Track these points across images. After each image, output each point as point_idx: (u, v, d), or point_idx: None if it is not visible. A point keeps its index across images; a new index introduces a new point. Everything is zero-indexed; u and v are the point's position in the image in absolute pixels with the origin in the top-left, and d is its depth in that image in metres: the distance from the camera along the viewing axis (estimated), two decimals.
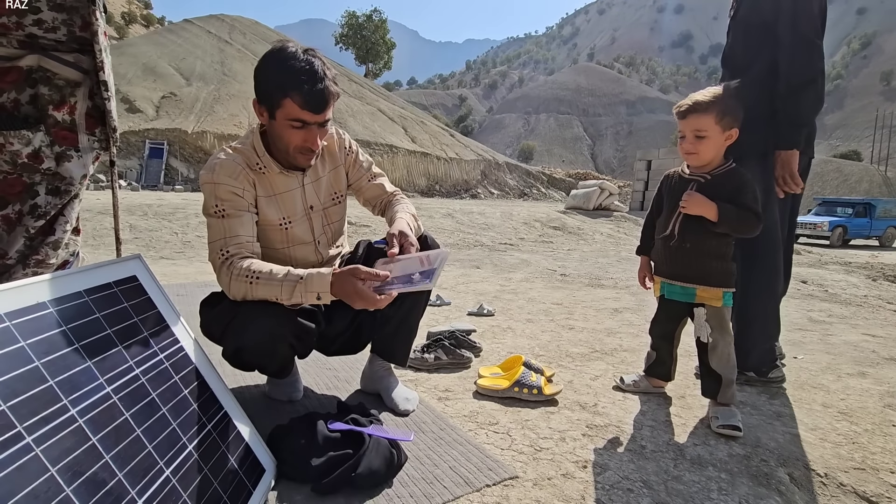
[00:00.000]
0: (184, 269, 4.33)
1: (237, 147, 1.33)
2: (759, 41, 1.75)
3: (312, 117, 1.22)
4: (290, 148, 1.27)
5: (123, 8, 76.56)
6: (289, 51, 1.21)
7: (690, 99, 1.49)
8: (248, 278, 1.14)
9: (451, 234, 7.57)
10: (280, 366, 1.36)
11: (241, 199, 1.26)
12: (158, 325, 0.88)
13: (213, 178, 1.24)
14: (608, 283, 4.25)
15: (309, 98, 1.18)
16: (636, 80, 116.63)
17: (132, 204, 7.70)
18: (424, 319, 1.59)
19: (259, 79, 1.23)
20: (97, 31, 1.85)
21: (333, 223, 1.50)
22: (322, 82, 1.20)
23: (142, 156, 17.97)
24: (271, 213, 1.35)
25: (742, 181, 1.48)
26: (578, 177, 28.18)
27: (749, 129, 1.69)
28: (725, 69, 1.94)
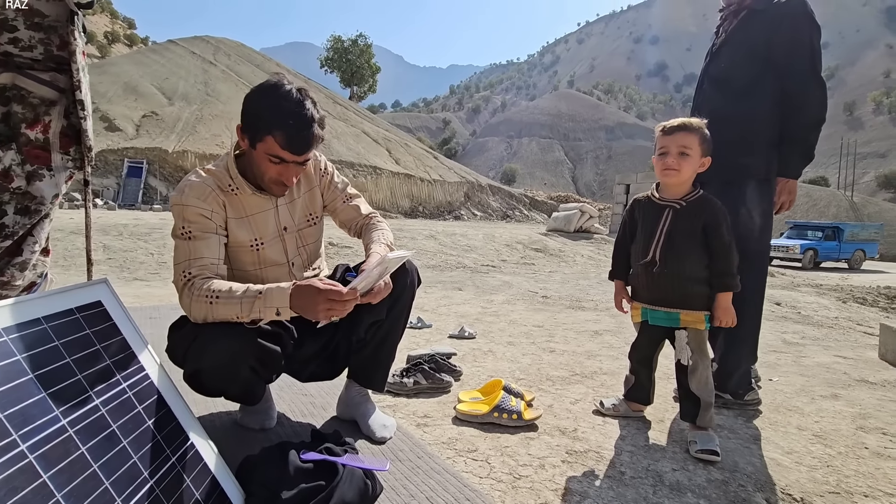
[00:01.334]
0: (158, 290, 4.22)
1: (210, 169, 1.32)
2: (761, 69, 1.80)
3: (292, 157, 1.23)
4: (265, 178, 1.28)
5: (107, 27, 76.28)
6: (283, 88, 1.21)
7: (680, 119, 1.56)
8: (208, 298, 1.12)
9: (433, 255, 7.57)
10: (243, 391, 1.31)
11: (209, 221, 1.25)
12: (122, 352, 0.85)
13: (181, 200, 1.24)
14: (588, 305, 4.28)
15: (293, 140, 1.20)
16: (615, 107, 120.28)
17: (107, 223, 7.53)
18: (404, 342, 1.57)
19: (247, 108, 1.23)
20: (75, 51, 1.83)
21: (309, 245, 1.48)
22: (309, 127, 1.21)
23: (120, 175, 17.67)
24: (242, 234, 1.33)
25: (716, 213, 1.53)
26: (560, 199, 28.65)
27: (751, 152, 1.80)
28: (715, 89, 1.94)
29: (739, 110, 1.82)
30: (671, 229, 1.55)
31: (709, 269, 1.53)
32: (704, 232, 1.52)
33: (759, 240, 1.81)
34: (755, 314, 1.87)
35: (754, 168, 1.81)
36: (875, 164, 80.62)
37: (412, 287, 1.49)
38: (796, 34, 1.74)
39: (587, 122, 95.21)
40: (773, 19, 1.77)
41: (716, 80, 1.95)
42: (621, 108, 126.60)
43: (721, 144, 1.66)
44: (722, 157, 1.70)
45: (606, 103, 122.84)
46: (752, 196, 1.81)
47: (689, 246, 1.53)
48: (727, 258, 1.51)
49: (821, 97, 1.75)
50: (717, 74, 1.95)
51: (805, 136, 1.76)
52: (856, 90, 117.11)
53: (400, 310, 1.48)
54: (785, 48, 1.75)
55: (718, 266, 1.51)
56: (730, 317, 1.50)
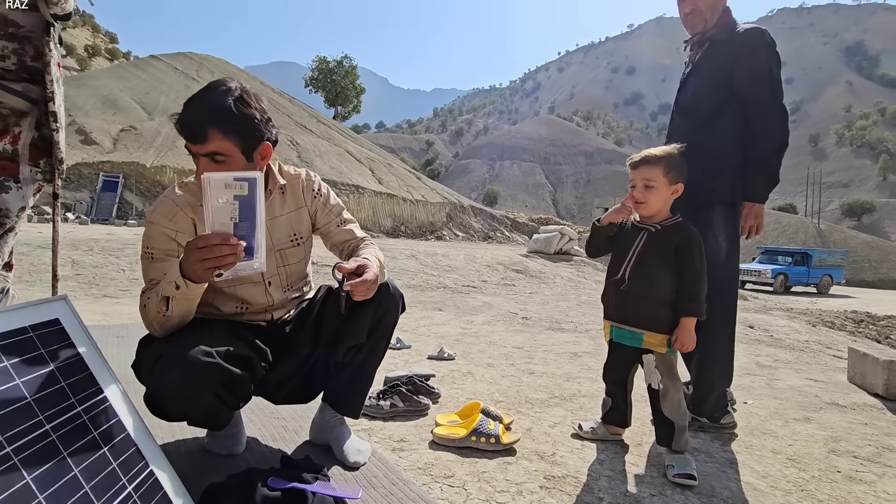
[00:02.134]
0: (128, 308, 4.07)
1: (187, 183, 1.30)
2: (724, 97, 1.85)
3: (193, 147, 1.15)
4: None
5: (88, 41, 75.46)
6: (213, 83, 1.19)
7: (643, 153, 1.60)
8: (144, 300, 1.15)
9: (414, 275, 7.53)
10: (207, 417, 1.23)
11: (172, 241, 1.23)
12: (79, 373, 0.80)
13: (151, 217, 1.24)
14: (568, 326, 4.30)
15: (181, 122, 1.13)
16: (594, 133, 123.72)
17: (77, 238, 7.29)
18: (382, 363, 1.54)
19: None
20: (49, 62, 1.79)
21: (290, 265, 1.44)
22: (203, 113, 1.12)
23: (94, 188, 17.23)
24: None
25: (690, 238, 1.55)
26: (541, 221, 29.04)
27: (718, 178, 1.84)
28: (682, 118, 2.02)
29: (705, 138, 1.86)
30: (644, 250, 1.58)
31: (676, 293, 1.54)
32: (676, 256, 1.54)
33: (725, 264, 1.85)
34: (727, 338, 1.89)
35: (720, 193, 1.85)
36: (839, 193, 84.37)
37: (395, 311, 1.45)
38: (756, 62, 1.80)
39: (567, 147, 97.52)
40: (733, 49, 1.84)
41: (684, 108, 2.01)
42: (600, 134, 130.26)
43: (690, 171, 1.70)
44: (691, 184, 1.72)
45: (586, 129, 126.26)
46: (719, 221, 1.86)
47: (658, 268, 1.55)
48: (695, 283, 1.52)
49: (781, 123, 1.80)
50: (684, 103, 2.01)
51: (767, 161, 1.81)
52: (819, 123, 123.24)
53: (381, 334, 1.45)
54: (745, 76, 1.81)
55: (686, 290, 1.53)
56: (690, 341, 1.50)
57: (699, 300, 1.52)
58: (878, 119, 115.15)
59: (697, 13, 1.89)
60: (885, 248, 33.37)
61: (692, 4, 1.89)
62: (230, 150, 1.16)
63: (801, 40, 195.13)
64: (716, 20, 1.90)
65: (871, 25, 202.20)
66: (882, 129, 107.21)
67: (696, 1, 1.87)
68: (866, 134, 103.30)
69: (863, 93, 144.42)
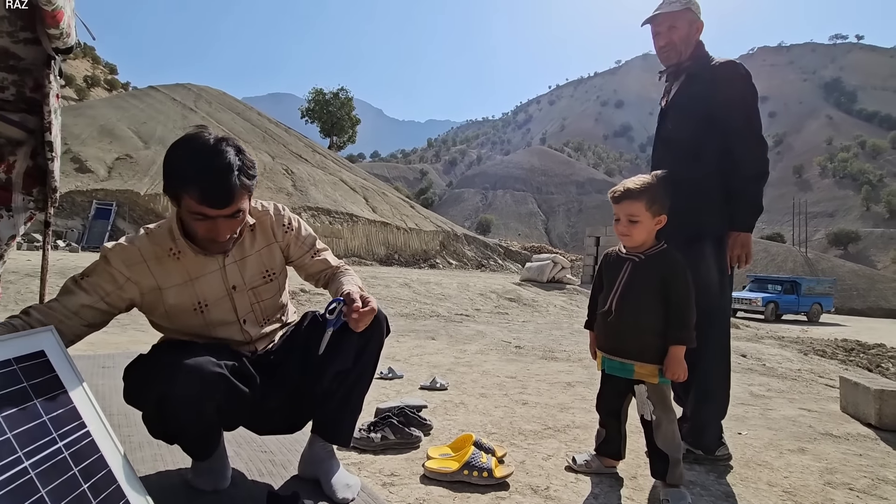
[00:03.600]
0: (115, 337, 4.00)
1: (154, 231, 1.28)
2: (705, 131, 1.88)
3: (214, 212, 1.15)
4: (198, 237, 1.24)
5: (87, 72, 76.63)
6: (198, 141, 1.16)
7: (623, 185, 1.60)
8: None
9: (407, 303, 7.49)
10: (201, 434, 1.22)
11: (115, 285, 1.20)
12: (62, 407, 0.79)
13: (107, 254, 1.21)
14: (561, 355, 4.27)
15: (209, 194, 1.12)
16: (584, 164, 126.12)
17: (67, 266, 7.21)
18: (373, 393, 1.52)
19: (165, 166, 1.17)
20: (49, 94, 1.82)
21: (265, 301, 1.43)
22: (226, 176, 1.13)
23: (86, 216, 17.15)
24: (184, 298, 1.28)
25: (674, 268, 1.55)
26: (533, 250, 29.18)
27: (707, 212, 1.87)
28: (667, 150, 2.03)
29: (690, 170, 1.88)
30: (629, 281, 1.59)
31: (664, 322, 1.54)
32: (662, 284, 1.54)
33: (718, 295, 1.86)
34: (723, 369, 1.89)
35: (710, 226, 1.88)
36: (825, 223, 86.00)
37: (381, 336, 1.45)
38: (732, 94, 1.85)
39: (559, 177, 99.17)
40: (710, 82, 1.88)
41: (666, 141, 2.04)
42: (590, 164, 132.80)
43: (677, 203, 1.71)
44: (680, 216, 1.76)
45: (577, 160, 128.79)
46: (710, 253, 1.87)
47: (644, 297, 1.55)
48: (683, 311, 1.51)
49: (758, 152, 1.83)
50: (665, 136, 2.05)
51: (747, 190, 1.84)
52: (802, 155, 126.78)
53: (368, 359, 1.44)
54: (723, 108, 1.85)
55: (673, 318, 1.52)
56: (681, 370, 1.49)
57: (688, 327, 1.51)
58: (859, 151, 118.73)
59: (672, 46, 1.94)
60: (872, 277, 33.82)
61: (666, 38, 1.94)
62: (246, 203, 1.22)
63: (782, 77, 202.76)
64: (689, 53, 1.95)
65: (847, 63, 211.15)
66: (862, 160, 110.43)
67: (671, 34, 1.93)
68: (848, 165, 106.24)
69: (842, 126, 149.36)
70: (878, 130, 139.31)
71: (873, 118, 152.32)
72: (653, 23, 1.97)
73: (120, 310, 1.26)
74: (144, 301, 1.27)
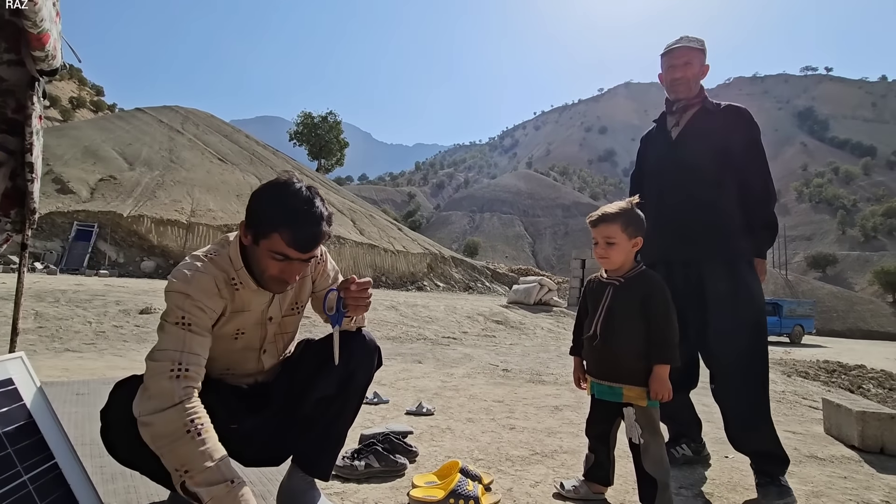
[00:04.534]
0: (91, 363, 3.87)
1: (213, 258, 1.25)
2: (723, 162, 1.99)
3: (297, 255, 1.20)
4: (265, 275, 1.24)
5: (73, 93, 76.25)
6: (293, 187, 1.21)
7: (600, 210, 1.66)
8: (188, 427, 1.00)
9: (393, 326, 7.42)
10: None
11: (207, 317, 1.18)
12: (30, 437, 0.75)
13: (185, 289, 1.15)
14: (549, 378, 4.25)
15: (299, 239, 1.18)
16: (570, 187, 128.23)
17: (44, 289, 7.02)
18: (358, 419, 1.48)
19: (254, 205, 1.21)
20: (31, 115, 1.81)
21: (287, 333, 1.43)
22: (318, 225, 1.20)
23: (66, 238, 16.80)
24: (231, 326, 1.29)
25: (653, 286, 1.58)
26: (521, 272, 29.30)
27: (739, 235, 1.97)
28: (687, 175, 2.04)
29: (718, 198, 1.98)
30: (611, 305, 1.61)
31: (647, 343, 1.55)
32: (642, 305, 1.56)
33: (762, 311, 1.94)
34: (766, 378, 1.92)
35: (746, 249, 1.98)
36: (803, 246, 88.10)
37: (370, 366, 1.43)
38: (751, 136, 2.00)
39: (545, 201, 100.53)
40: (727, 121, 2.01)
41: (687, 167, 2.06)
42: (576, 188, 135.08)
43: (708, 228, 1.93)
44: (714, 240, 1.93)
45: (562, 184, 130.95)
46: (751, 273, 1.96)
47: (628, 320, 1.57)
48: (664, 331, 1.53)
49: (770, 185, 2.01)
50: (686, 162, 2.06)
51: (771, 220, 2.00)
52: (780, 180, 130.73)
53: (354, 389, 1.41)
54: (742, 147, 1.99)
55: (655, 337, 1.53)
56: (665, 389, 1.49)
57: (670, 346, 1.52)
58: (833, 177, 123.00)
59: (684, 81, 2.05)
60: (850, 299, 34.57)
61: (682, 72, 2.05)
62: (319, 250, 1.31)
63: (758, 105, 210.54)
64: (696, 90, 2.09)
65: (819, 93, 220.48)
66: (836, 186, 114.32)
67: (686, 70, 2.04)
68: (823, 191, 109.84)
69: (816, 153, 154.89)
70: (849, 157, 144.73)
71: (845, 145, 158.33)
72: (671, 55, 2.07)
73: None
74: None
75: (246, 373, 1.38)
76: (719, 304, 1.90)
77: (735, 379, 1.87)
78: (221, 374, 1.35)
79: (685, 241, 2.00)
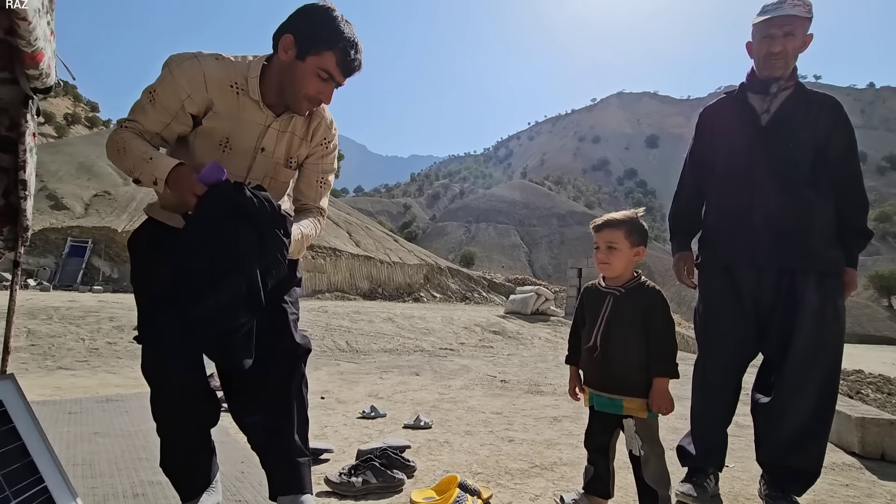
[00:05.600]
0: (84, 381, 3.82)
1: (226, 58, 1.30)
2: (817, 157, 1.74)
3: (340, 78, 1.29)
4: (301, 93, 1.29)
5: (68, 109, 76.32)
6: (341, 16, 1.27)
7: (606, 216, 1.66)
8: (118, 146, 1.23)
9: (391, 338, 7.37)
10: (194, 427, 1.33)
11: (179, 102, 1.25)
12: (19, 461, 0.74)
13: (172, 70, 1.25)
14: (547, 389, 4.23)
15: (348, 61, 1.27)
16: (565, 197, 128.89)
17: (36, 306, 6.95)
18: (355, 434, 1.47)
19: (306, 21, 1.25)
20: (24, 133, 1.81)
21: (277, 181, 1.44)
22: (360, 54, 1.30)
23: (60, 254, 16.69)
24: (218, 129, 1.31)
25: (653, 298, 1.57)
26: (517, 282, 29.29)
27: (834, 244, 1.75)
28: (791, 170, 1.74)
29: (817, 199, 1.74)
30: (611, 315, 1.59)
31: (648, 355, 1.53)
32: (643, 317, 1.55)
33: (843, 330, 1.77)
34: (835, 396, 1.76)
35: (839, 261, 1.76)
36: None
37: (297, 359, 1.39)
38: (850, 132, 1.75)
39: (540, 210, 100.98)
40: (827, 115, 1.74)
41: (782, 161, 1.75)
42: (571, 197, 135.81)
43: (808, 233, 1.70)
44: (813, 248, 1.71)
45: (557, 193, 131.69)
46: (839, 290, 1.77)
47: (628, 332, 1.56)
48: (664, 343, 1.52)
49: (864, 191, 1.80)
50: (781, 156, 1.75)
51: (867, 229, 1.80)
52: None
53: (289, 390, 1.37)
54: (843, 148, 1.75)
55: (655, 350, 1.52)
56: (667, 403, 1.48)
57: (670, 359, 1.51)
58: None
59: (783, 56, 1.72)
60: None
61: (782, 45, 1.70)
62: None
63: None
64: (791, 68, 1.76)
65: None
66: None
67: (786, 42, 1.70)
68: None
69: None
70: None
71: None
72: (770, 23, 1.71)
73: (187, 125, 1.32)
74: (196, 115, 1.31)
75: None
76: (807, 319, 1.69)
77: (807, 394, 1.69)
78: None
79: (784, 245, 1.74)
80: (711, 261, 1.91)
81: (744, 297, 1.81)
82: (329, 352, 6.16)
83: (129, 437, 2.23)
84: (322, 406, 3.20)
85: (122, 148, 1.22)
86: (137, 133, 1.27)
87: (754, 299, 1.80)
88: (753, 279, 1.79)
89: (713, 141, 1.93)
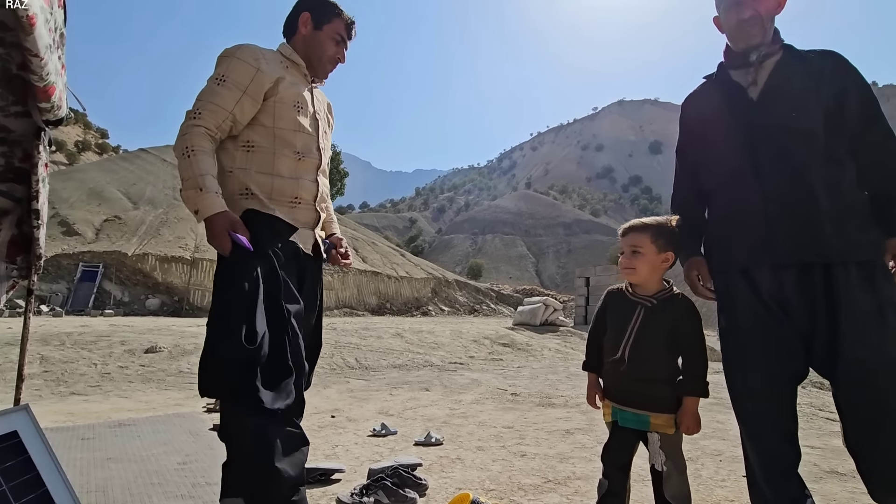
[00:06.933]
0: (97, 406, 3.85)
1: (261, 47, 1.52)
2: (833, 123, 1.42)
3: (347, 38, 1.63)
4: (325, 56, 1.59)
5: (78, 137, 77.95)
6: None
7: (633, 221, 1.60)
8: (187, 150, 1.34)
9: (399, 354, 7.35)
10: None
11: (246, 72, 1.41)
12: (34, 491, 0.75)
13: (234, 54, 1.43)
14: (559, 401, 4.18)
15: (350, 24, 1.63)
16: (570, 205, 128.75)
17: (49, 332, 7.03)
18: (366, 453, 1.47)
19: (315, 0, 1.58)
20: (37, 163, 1.86)
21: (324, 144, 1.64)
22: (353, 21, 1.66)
23: (72, 279, 16.91)
24: (291, 92, 1.50)
25: (686, 312, 1.48)
26: (525, 292, 29.16)
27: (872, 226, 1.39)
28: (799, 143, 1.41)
29: (840, 173, 1.40)
30: (641, 329, 1.49)
31: (678, 371, 1.47)
32: (674, 331, 1.47)
33: None
34: None
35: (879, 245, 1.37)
36: None
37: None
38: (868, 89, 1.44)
39: (546, 220, 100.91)
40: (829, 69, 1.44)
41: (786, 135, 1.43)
42: (576, 206, 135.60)
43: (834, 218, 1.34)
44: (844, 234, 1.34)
45: (562, 202, 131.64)
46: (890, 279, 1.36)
47: (658, 346, 1.47)
48: (696, 361, 1.45)
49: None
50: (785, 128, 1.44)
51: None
52: None
53: None
54: (862, 101, 1.43)
55: (687, 368, 1.45)
56: (695, 424, 1.42)
57: (701, 377, 1.44)
58: None
59: (756, 20, 1.46)
60: None
61: (751, 9, 1.46)
62: None
63: None
64: (772, 33, 1.50)
65: None
66: None
67: (756, 4, 1.46)
68: None
69: None
70: None
71: None
72: None
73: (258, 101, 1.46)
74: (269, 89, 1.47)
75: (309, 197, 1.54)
76: (862, 326, 1.30)
77: (885, 427, 1.28)
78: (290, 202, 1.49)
79: (804, 236, 1.36)
80: (724, 265, 1.52)
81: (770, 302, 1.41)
82: (339, 369, 6.15)
83: (142, 462, 2.24)
84: (333, 425, 3.19)
85: (189, 155, 1.33)
86: (207, 131, 1.37)
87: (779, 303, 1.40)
88: (776, 280, 1.40)
89: (702, 130, 1.64)
